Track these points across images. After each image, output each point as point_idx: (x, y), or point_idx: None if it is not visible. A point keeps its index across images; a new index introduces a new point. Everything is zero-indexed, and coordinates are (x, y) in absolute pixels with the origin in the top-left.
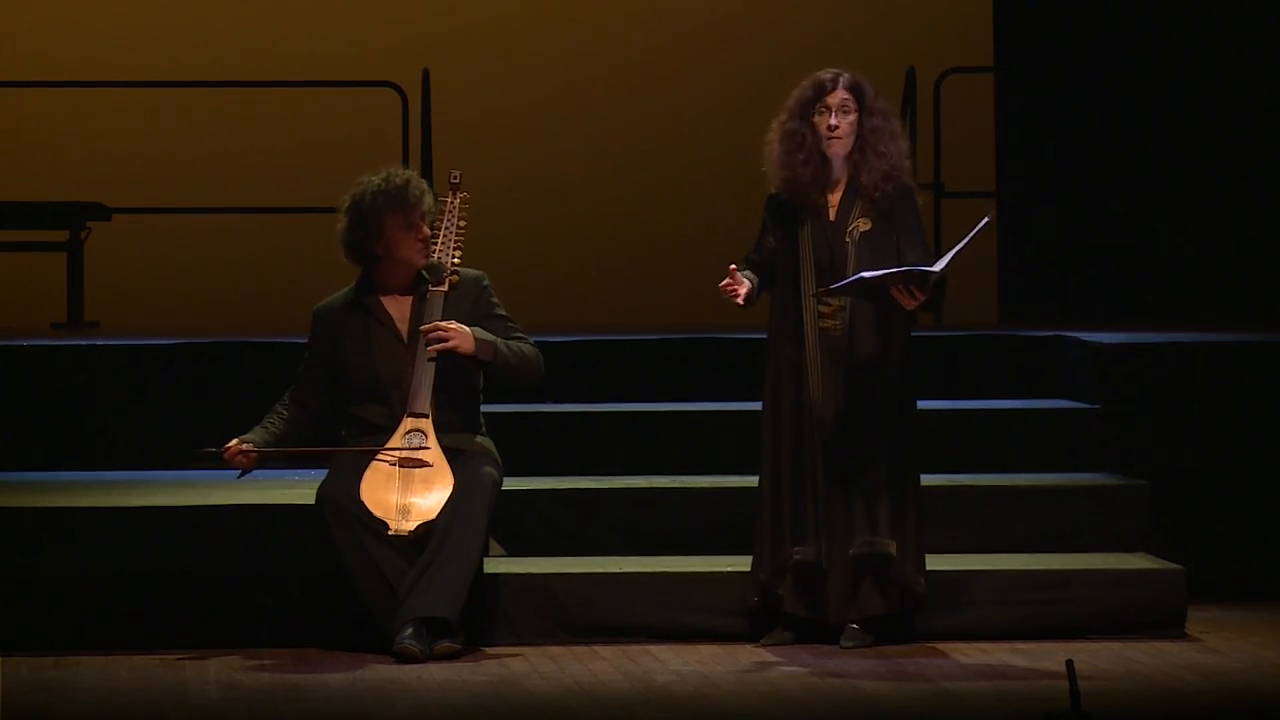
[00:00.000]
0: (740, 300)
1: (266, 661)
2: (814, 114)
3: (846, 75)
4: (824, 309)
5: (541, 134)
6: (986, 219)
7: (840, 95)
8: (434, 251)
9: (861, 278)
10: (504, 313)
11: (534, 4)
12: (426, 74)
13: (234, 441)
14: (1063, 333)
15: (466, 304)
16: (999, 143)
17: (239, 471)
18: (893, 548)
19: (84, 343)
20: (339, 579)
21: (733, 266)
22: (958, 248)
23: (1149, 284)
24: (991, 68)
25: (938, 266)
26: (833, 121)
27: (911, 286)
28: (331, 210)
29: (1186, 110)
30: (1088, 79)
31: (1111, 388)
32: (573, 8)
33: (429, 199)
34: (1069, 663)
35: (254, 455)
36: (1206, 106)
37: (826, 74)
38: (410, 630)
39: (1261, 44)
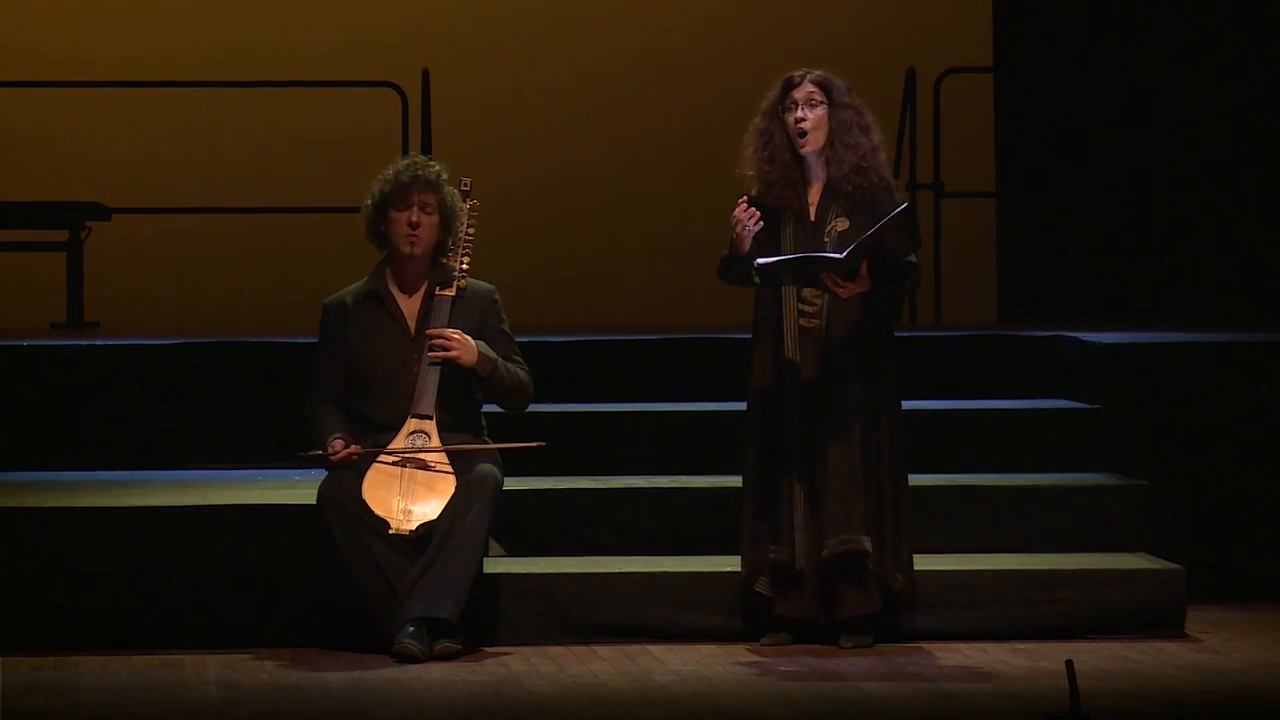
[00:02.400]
0: (749, 231)
1: (266, 661)
2: (784, 111)
3: (815, 71)
4: (806, 308)
5: (541, 134)
6: (905, 204)
7: (806, 89)
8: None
9: (758, 264)
10: (509, 331)
11: (534, 4)
12: (426, 74)
13: (339, 443)
14: (1063, 333)
15: (476, 314)
16: (999, 143)
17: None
18: (867, 544)
19: (84, 343)
20: (339, 579)
21: (744, 200)
22: (869, 234)
23: (1148, 284)
24: (991, 68)
25: (843, 254)
26: (799, 114)
27: (834, 275)
28: (332, 210)
29: (1187, 109)
30: (1087, 79)
31: (1111, 388)
32: (572, 8)
33: (434, 188)
34: (1069, 663)
35: (358, 455)
36: (1207, 105)
37: (795, 72)
38: (410, 630)
39: (1262, 43)
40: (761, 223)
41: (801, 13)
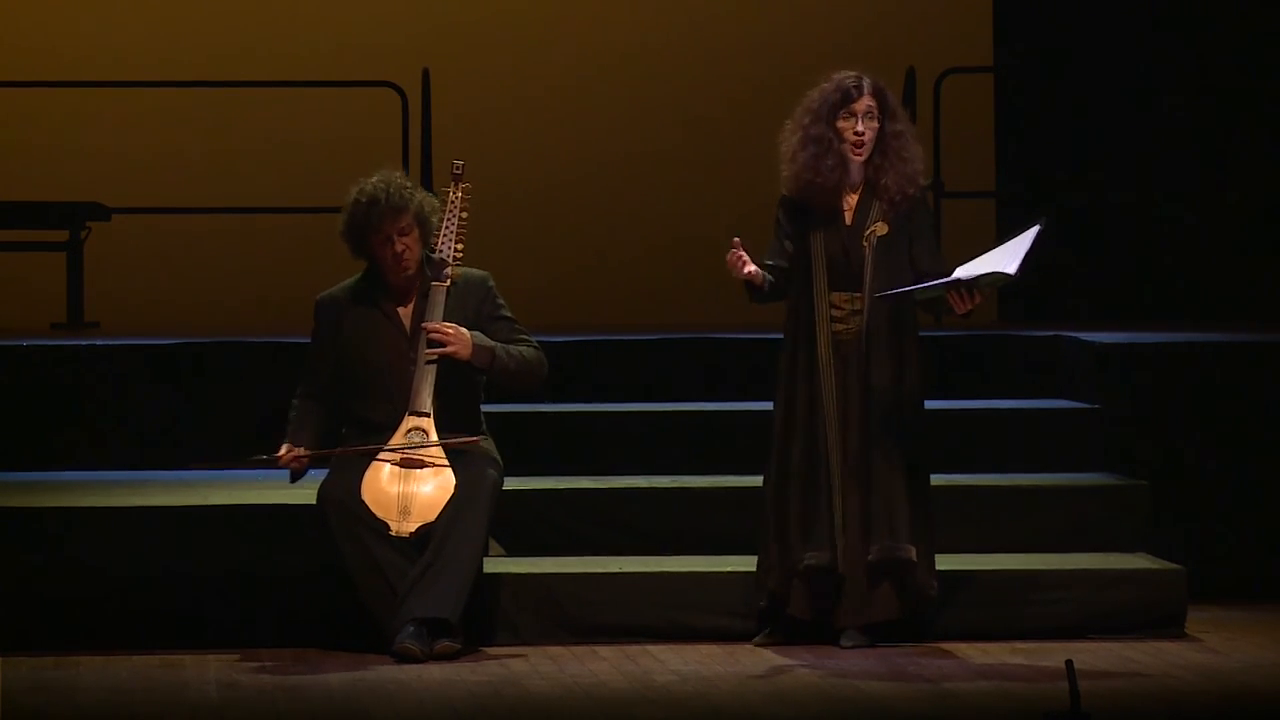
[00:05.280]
0: (746, 272)
1: (266, 661)
2: (838, 119)
3: (869, 80)
4: (836, 312)
5: (541, 133)
6: (1038, 226)
7: (866, 102)
8: (435, 246)
9: (958, 280)
10: (509, 314)
11: (533, 3)
12: (426, 74)
13: (285, 447)
14: (1063, 333)
15: (471, 305)
16: (999, 143)
17: (290, 475)
18: (913, 553)
19: (84, 343)
20: (339, 579)
21: (737, 239)
22: (1025, 252)
23: (1149, 284)
24: (991, 68)
25: (1013, 271)
26: (859, 128)
27: (974, 291)
28: (331, 210)
29: (1186, 109)
30: (1087, 79)
31: (1111, 388)
32: (572, 7)
33: (410, 210)
34: (1069, 663)
35: (306, 459)
36: (1206, 105)
37: (850, 78)
38: (410, 630)
39: (1262, 43)
40: (751, 267)
41: (802, 12)
